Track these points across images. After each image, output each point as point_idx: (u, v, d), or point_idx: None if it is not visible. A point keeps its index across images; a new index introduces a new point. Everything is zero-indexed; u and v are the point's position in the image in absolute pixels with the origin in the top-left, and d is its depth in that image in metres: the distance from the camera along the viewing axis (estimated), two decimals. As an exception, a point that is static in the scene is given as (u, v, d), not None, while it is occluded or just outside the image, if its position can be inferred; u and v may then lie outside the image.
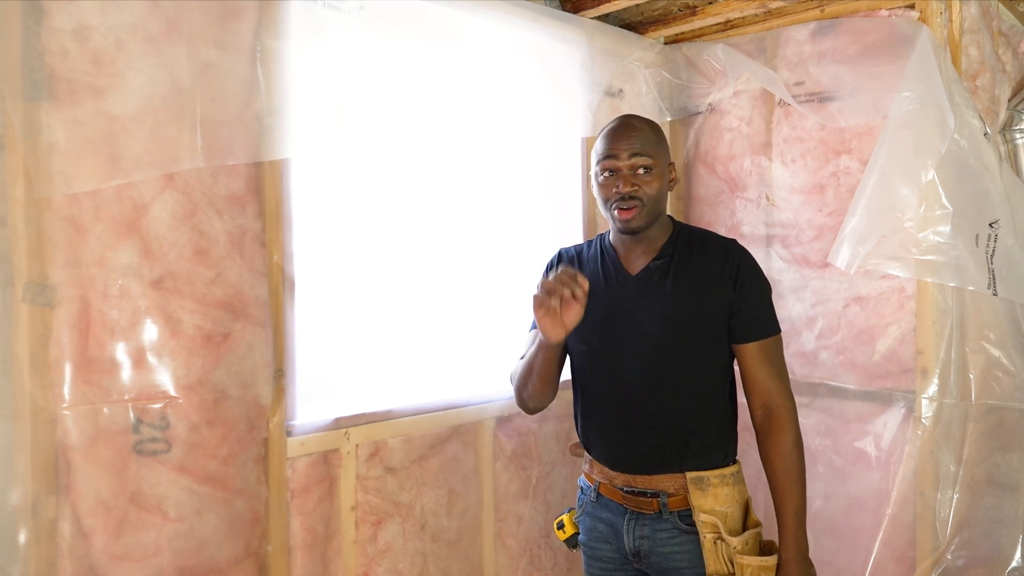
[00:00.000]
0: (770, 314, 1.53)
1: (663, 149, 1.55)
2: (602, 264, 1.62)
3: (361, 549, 1.84)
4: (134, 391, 1.43)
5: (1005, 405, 2.17)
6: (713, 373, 1.54)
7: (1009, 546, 2.17)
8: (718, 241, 1.57)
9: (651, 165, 1.51)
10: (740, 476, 1.56)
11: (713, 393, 1.55)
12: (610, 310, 1.55)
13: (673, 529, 1.52)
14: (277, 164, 1.64)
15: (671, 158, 1.60)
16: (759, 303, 1.52)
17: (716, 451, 1.53)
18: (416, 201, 2.04)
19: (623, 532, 1.56)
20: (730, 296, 1.50)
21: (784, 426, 1.49)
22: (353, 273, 1.90)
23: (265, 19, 1.59)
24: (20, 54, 1.30)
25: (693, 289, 1.51)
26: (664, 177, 1.54)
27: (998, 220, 2.15)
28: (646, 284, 1.54)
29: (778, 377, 1.51)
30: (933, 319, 2.16)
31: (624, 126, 1.54)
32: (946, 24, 2.15)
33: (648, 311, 1.52)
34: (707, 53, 2.53)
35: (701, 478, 1.50)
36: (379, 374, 1.95)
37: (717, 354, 1.53)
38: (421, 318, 2.05)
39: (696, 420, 1.52)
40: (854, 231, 2.18)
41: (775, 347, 1.52)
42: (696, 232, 1.60)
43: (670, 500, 1.52)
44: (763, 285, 1.55)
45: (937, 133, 2.07)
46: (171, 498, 1.47)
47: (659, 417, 1.52)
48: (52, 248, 1.35)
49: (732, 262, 1.51)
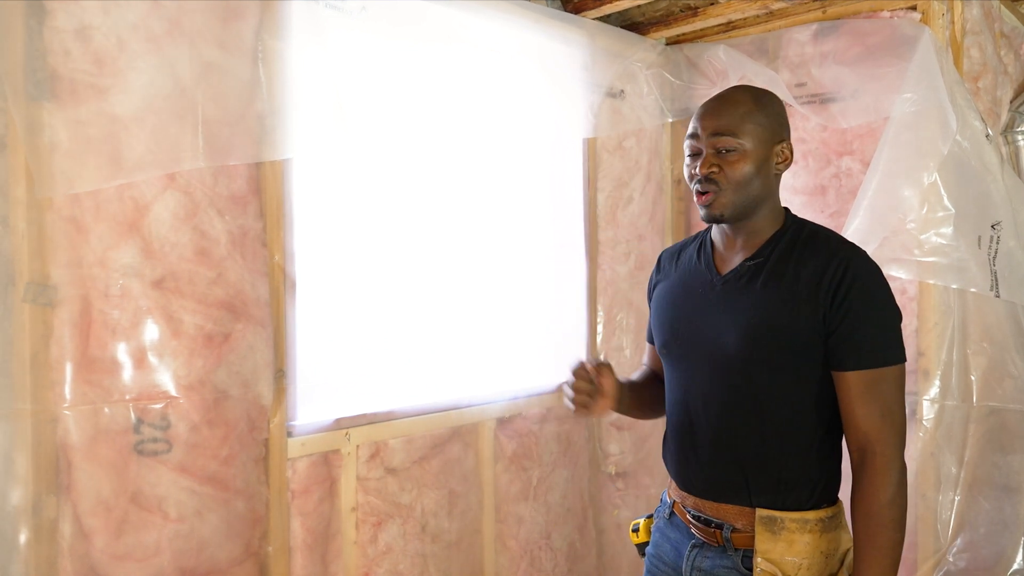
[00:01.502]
0: (883, 340, 1.24)
1: (760, 125, 1.30)
2: (696, 260, 1.43)
3: (361, 550, 1.84)
4: (135, 391, 1.43)
5: (1007, 407, 2.17)
6: (802, 399, 1.28)
7: (1010, 548, 2.16)
8: (829, 243, 1.29)
9: (735, 146, 1.28)
10: (834, 524, 1.30)
11: (801, 422, 1.29)
12: (690, 313, 1.38)
13: (734, 570, 1.30)
14: (278, 164, 1.64)
15: (781, 136, 1.32)
16: (866, 324, 1.23)
17: (800, 490, 1.28)
18: (417, 202, 2.04)
19: (683, 559, 1.37)
20: (826, 311, 1.23)
21: (876, 479, 1.21)
22: (354, 274, 1.90)
23: (266, 19, 1.59)
24: (22, 54, 1.30)
25: (783, 298, 1.26)
26: (760, 159, 1.29)
27: (1000, 222, 2.14)
28: (733, 287, 1.33)
29: (880, 417, 1.22)
30: (935, 321, 2.16)
31: (715, 100, 1.34)
32: (948, 25, 2.15)
33: (729, 318, 1.31)
34: (709, 54, 2.53)
35: (774, 519, 1.27)
36: (380, 375, 1.95)
37: (809, 378, 1.27)
38: (422, 319, 2.05)
39: (774, 451, 1.29)
40: (856, 233, 2.18)
41: (883, 382, 1.22)
42: (810, 229, 1.34)
43: (735, 536, 1.30)
44: (878, 304, 1.25)
45: (939, 134, 2.07)
46: (172, 498, 1.47)
47: (728, 442, 1.32)
48: (53, 248, 1.35)
49: (837, 270, 1.24)
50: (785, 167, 1.34)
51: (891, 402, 1.23)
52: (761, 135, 1.30)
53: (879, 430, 1.22)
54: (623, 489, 2.53)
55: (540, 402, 2.28)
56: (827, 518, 1.29)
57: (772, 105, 1.33)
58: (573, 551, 2.39)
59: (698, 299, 1.37)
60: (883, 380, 1.23)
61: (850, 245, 1.29)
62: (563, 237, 2.43)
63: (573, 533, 2.39)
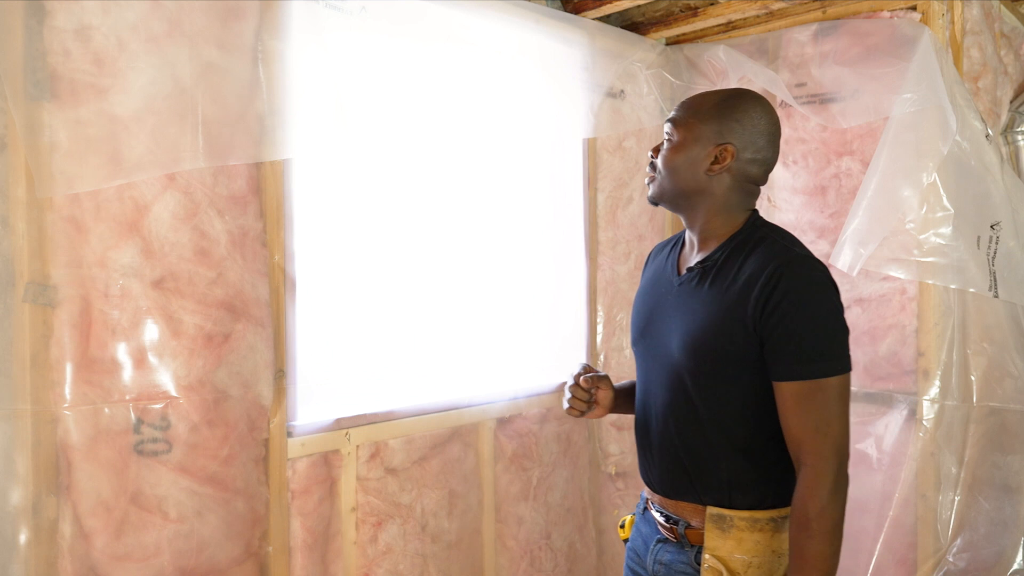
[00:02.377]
0: (815, 351, 1.20)
1: (704, 123, 1.30)
2: (667, 258, 1.45)
3: (361, 550, 1.84)
4: (135, 391, 1.43)
5: (1007, 407, 2.17)
6: (744, 405, 1.28)
7: (1011, 548, 2.16)
8: (772, 249, 1.27)
9: (671, 135, 1.33)
10: (785, 523, 1.29)
11: (745, 427, 1.29)
12: (651, 313, 1.40)
13: (688, 565, 1.32)
14: (278, 164, 1.64)
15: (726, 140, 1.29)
16: (799, 335, 1.20)
17: (751, 492, 1.29)
18: (417, 202, 2.04)
19: (648, 552, 1.40)
20: (755, 320, 1.22)
21: (807, 489, 1.20)
22: (354, 274, 1.90)
23: (266, 19, 1.59)
24: (22, 54, 1.30)
25: (721, 303, 1.26)
26: (692, 154, 1.30)
27: (999, 222, 2.15)
28: (685, 288, 1.34)
29: (814, 429, 1.20)
30: (935, 321, 2.16)
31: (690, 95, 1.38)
32: (948, 26, 2.15)
33: (677, 320, 1.32)
34: (709, 54, 2.53)
35: (723, 517, 1.28)
36: (380, 375, 1.95)
37: (750, 384, 1.27)
38: (422, 319, 2.05)
39: (719, 453, 1.30)
40: (856, 233, 2.18)
41: (818, 393, 1.20)
42: (762, 234, 1.31)
43: (689, 532, 1.33)
44: (813, 314, 1.21)
45: (939, 135, 2.07)
46: (172, 498, 1.47)
47: (674, 443, 1.33)
48: (53, 248, 1.35)
49: (771, 279, 1.21)
50: (719, 170, 1.30)
51: (827, 414, 1.22)
52: (701, 132, 1.31)
53: (812, 441, 1.21)
54: (623, 489, 2.53)
55: (540, 402, 2.28)
56: (780, 518, 1.29)
57: (733, 111, 1.31)
58: (573, 551, 2.39)
59: (660, 298, 1.40)
60: (818, 391, 1.21)
61: (791, 253, 1.26)
62: (563, 237, 2.43)
63: (573, 533, 2.39)
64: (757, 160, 1.33)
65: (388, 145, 1.93)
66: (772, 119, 1.34)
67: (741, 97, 1.33)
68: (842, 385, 1.23)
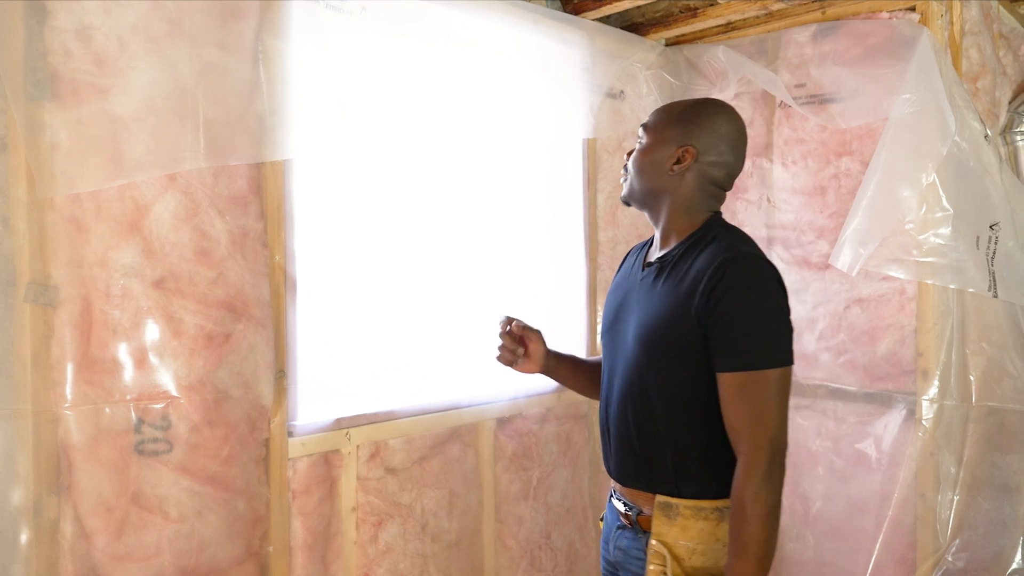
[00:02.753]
0: (754, 344, 1.24)
1: (670, 127, 1.38)
2: (639, 255, 1.51)
3: (362, 550, 1.84)
4: (136, 391, 1.43)
5: (1006, 407, 2.18)
6: (693, 396, 1.32)
7: (1009, 548, 2.17)
8: (719, 245, 1.31)
9: (640, 138, 1.43)
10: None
11: (694, 418, 1.32)
12: (618, 307, 1.46)
13: (642, 551, 1.38)
14: (279, 164, 1.64)
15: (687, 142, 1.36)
16: (739, 328, 1.24)
17: (698, 482, 1.33)
18: (417, 202, 2.04)
19: (610, 538, 1.47)
20: (700, 313, 1.26)
21: (742, 476, 1.23)
22: (354, 274, 1.90)
23: (267, 19, 1.59)
24: (23, 54, 1.30)
25: (671, 298, 1.32)
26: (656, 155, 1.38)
27: (998, 222, 2.15)
28: (644, 284, 1.41)
29: (750, 419, 1.23)
30: (934, 321, 2.16)
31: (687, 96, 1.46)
32: (947, 26, 2.16)
33: (635, 314, 1.39)
34: (708, 55, 2.53)
35: (669, 505, 1.33)
36: (380, 375, 1.95)
37: (698, 377, 1.30)
38: (422, 319, 2.05)
39: (668, 443, 1.34)
40: (855, 233, 2.18)
41: (756, 384, 1.23)
42: (716, 233, 1.36)
43: (641, 519, 1.38)
44: (753, 308, 1.25)
45: (938, 135, 2.08)
46: (172, 498, 1.47)
47: (627, 432, 1.39)
48: (54, 248, 1.35)
49: (715, 274, 1.25)
50: (680, 169, 1.37)
51: (764, 405, 1.23)
52: (667, 135, 1.39)
53: (748, 431, 1.23)
54: (623, 489, 2.53)
55: (540, 402, 2.28)
56: (725, 508, 1.31)
57: (697, 116, 1.39)
58: (573, 551, 2.39)
59: (626, 293, 1.47)
60: (756, 383, 1.23)
61: (738, 251, 1.29)
62: (563, 237, 2.43)
63: (573, 533, 2.39)
64: (719, 163, 1.39)
65: (388, 145, 1.93)
66: (735, 127, 1.40)
67: (706, 105, 1.42)
68: (781, 378, 1.24)
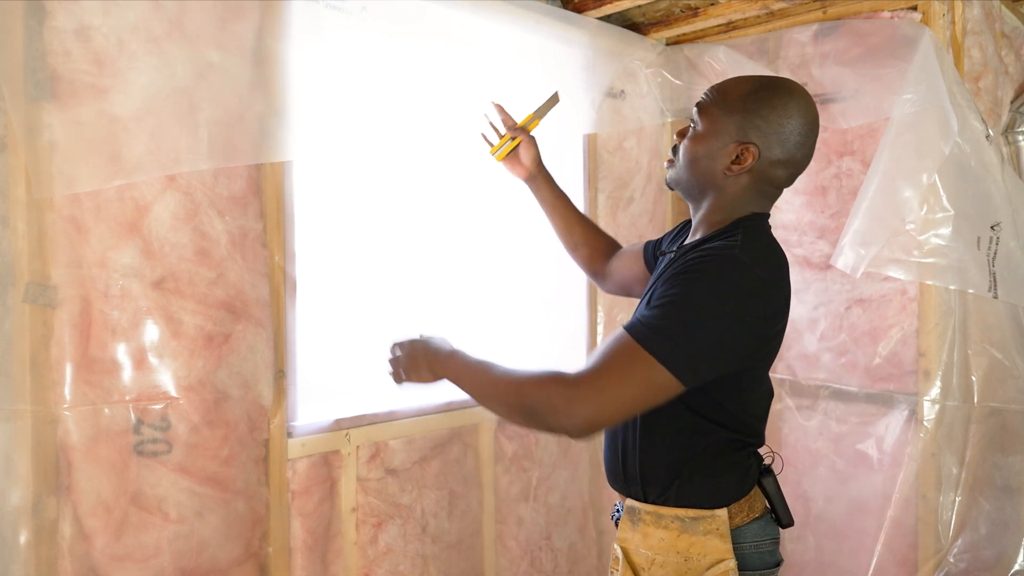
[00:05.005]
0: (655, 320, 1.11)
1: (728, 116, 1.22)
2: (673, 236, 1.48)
3: (362, 551, 1.84)
4: (135, 392, 1.43)
5: (1008, 407, 2.17)
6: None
7: (1012, 549, 2.16)
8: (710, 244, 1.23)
9: (695, 123, 1.26)
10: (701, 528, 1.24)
11: (662, 423, 1.25)
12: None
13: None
14: (278, 165, 1.64)
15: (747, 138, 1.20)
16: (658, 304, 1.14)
17: (658, 487, 1.27)
18: (417, 202, 2.04)
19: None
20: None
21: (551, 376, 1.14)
22: (354, 274, 1.90)
23: (267, 20, 1.59)
24: (22, 54, 1.30)
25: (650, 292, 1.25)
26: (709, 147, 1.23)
27: (1000, 223, 2.14)
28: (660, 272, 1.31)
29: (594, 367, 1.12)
30: (935, 321, 2.15)
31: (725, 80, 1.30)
32: (948, 26, 2.15)
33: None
34: (709, 55, 2.53)
35: (635, 509, 1.30)
36: (380, 375, 1.94)
37: None
38: (422, 319, 2.05)
39: (636, 446, 1.29)
40: (856, 234, 2.18)
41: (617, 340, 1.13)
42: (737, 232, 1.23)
43: (619, 521, 1.38)
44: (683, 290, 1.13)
45: (939, 135, 2.07)
46: (172, 499, 1.47)
47: (613, 431, 1.36)
48: (53, 248, 1.34)
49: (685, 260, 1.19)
50: (738, 169, 1.22)
51: (607, 356, 1.12)
52: (724, 125, 1.22)
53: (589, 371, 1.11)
54: (623, 490, 2.53)
55: (540, 403, 2.27)
56: (688, 519, 1.25)
57: (761, 105, 1.20)
58: (574, 552, 2.39)
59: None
60: (619, 339, 1.13)
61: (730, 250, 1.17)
62: (563, 237, 2.42)
63: (574, 534, 2.39)
64: (783, 162, 1.23)
65: (389, 145, 1.93)
66: (807, 117, 1.22)
67: (773, 90, 1.21)
68: (648, 367, 1.09)
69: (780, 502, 1.33)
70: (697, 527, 1.25)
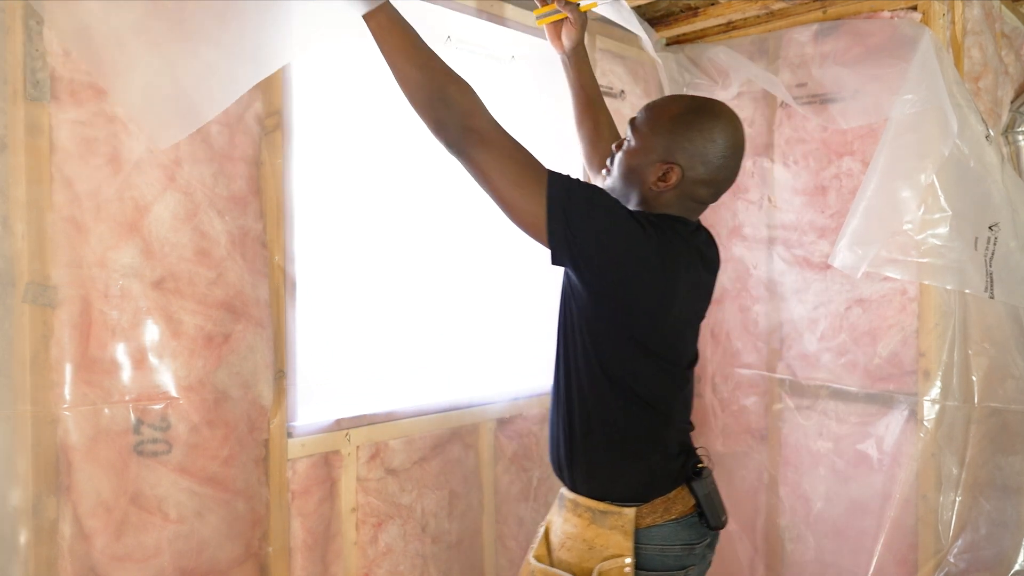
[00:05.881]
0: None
1: (657, 136, 1.28)
2: None
3: (362, 551, 1.84)
4: (135, 392, 1.43)
5: (1008, 407, 2.17)
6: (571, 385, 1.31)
7: (1012, 549, 2.16)
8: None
9: (628, 138, 1.34)
10: (610, 523, 1.27)
11: (574, 408, 1.31)
12: None
13: None
14: (278, 165, 1.64)
15: (672, 159, 1.26)
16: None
17: (577, 475, 1.33)
18: (417, 203, 2.04)
19: None
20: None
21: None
22: (354, 274, 1.90)
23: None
24: (22, 54, 1.30)
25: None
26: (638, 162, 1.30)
27: (998, 223, 2.14)
28: None
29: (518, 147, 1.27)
30: (935, 321, 2.15)
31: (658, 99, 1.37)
32: (948, 26, 2.15)
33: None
34: (709, 54, 2.53)
35: (562, 495, 1.37)
36: (380, 375, 1.95)
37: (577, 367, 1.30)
38: (422, 320, 2.05)
39: (560, 434, 1.34)
40: (854, 233, 2.18)
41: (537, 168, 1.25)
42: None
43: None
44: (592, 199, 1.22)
45: (939, 135, 2.07)
46: (172, 499, 1.47)
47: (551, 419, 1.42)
48: (53, 248, 1.34)
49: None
50: (663, 187, 1.28)
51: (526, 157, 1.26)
52: (651, 144, 1.29)
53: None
54: (623, 490, 2.53)
55: (540, 402, 2.28)
56: (599, 511, 1.30)
57: (687, 128, 1.26)
58: (573, 552, 2.39)
59: None
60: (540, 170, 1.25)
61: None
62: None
63: (573, 534, 2.39)
64: (706, 181, 1.28)
65: (389, 146, 1.93)
66: (731, 140, 1.27)
67: (700, 113, 1.27)
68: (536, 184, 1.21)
69: (710, 505, 1.34)
70: (605, 521, 1.30)
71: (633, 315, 1.25)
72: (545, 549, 1.35)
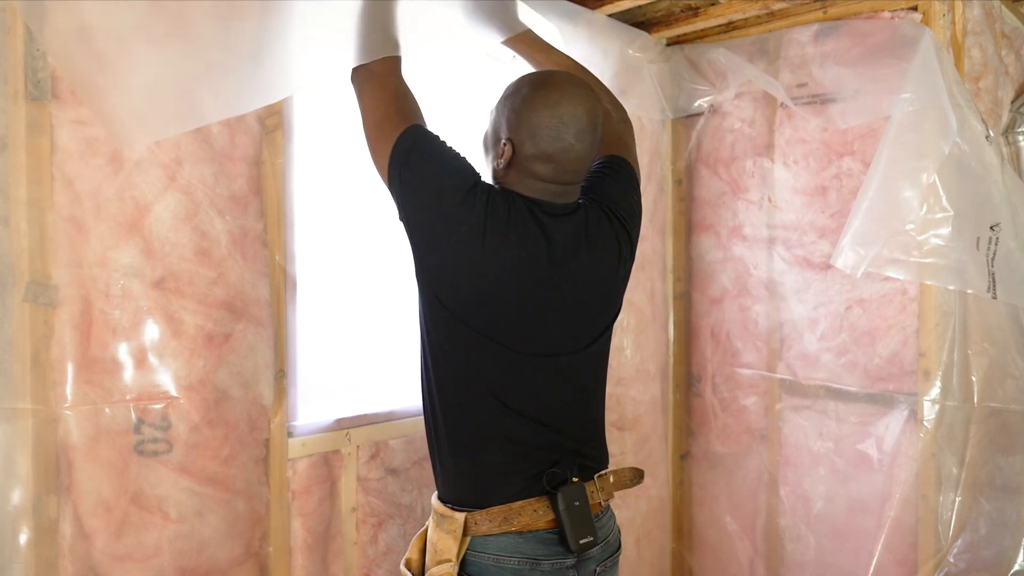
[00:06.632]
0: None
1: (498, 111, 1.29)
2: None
3: (362, 550, 1.84)
4: (135, 391, 1.43)
5: (1008, 407, 2.17)
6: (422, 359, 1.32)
7: (1012, 549, 2.16)
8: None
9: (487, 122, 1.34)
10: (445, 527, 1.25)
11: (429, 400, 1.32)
12: None
13: None
14: (279, 164, 1.64)
15: (509, 133, 1.23)
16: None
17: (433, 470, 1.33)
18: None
19: None
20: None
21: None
22: (355, 274, 1.90)
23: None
24: (22, 54, 1.30)
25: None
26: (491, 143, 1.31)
27: (999, 223, 2.14)
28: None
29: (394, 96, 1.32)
30: (935, 321, 2.16)
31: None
32: (949, 26, 2.15)
33: None
34: (709, 54, 2.53)
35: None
36: (380, 375, 1.95)
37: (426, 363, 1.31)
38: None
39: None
40: (856, 233, 2.18)
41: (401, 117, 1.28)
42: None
43: None
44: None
45: (939, 135, 2.07)
46: (172, 499, 1.47)
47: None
48: (54, 248, 1.34)
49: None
50: (501, 164, 1.25)
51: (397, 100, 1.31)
52: (493, 124, 1.31)
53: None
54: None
55: (541, 402, 2.27)
56: (440, 514, 1.28)
57: (510, 100, 1.25)
58: (573, 552, 2.39)
59: None
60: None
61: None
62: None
63: (573, 534, 2.38)
64: (537, 157, 1.21)
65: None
66: (557, 111, 1.19)
67: (530, 86, 1.23)
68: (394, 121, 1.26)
69: (570, 523, 1.22)
70: (443, 524, 1.28)
71: (445, 286, 1.22)
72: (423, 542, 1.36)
